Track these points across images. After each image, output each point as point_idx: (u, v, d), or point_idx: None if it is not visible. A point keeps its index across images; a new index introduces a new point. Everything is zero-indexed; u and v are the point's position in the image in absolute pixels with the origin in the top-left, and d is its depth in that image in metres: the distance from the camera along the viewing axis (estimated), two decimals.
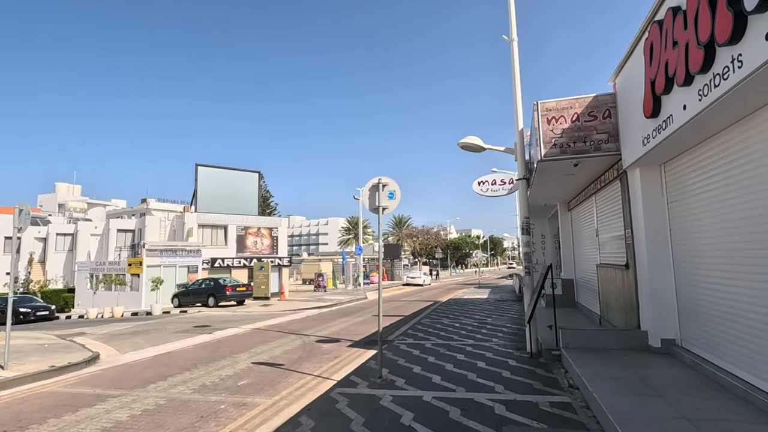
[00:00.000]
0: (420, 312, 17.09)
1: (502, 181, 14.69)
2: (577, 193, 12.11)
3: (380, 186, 7.15)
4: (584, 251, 12.51)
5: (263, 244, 32.28)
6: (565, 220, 14.32)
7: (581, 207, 12.28)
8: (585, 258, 12.42)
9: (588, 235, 11.72)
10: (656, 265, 6.97)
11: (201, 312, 20.12)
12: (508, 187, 14.66)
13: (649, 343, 7.07)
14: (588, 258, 11.95)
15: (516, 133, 8.80)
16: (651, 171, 7.12)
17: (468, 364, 7.63)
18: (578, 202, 12.47)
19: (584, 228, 12.24)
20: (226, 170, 32.30)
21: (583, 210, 12.05)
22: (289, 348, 10.43)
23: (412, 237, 62.94)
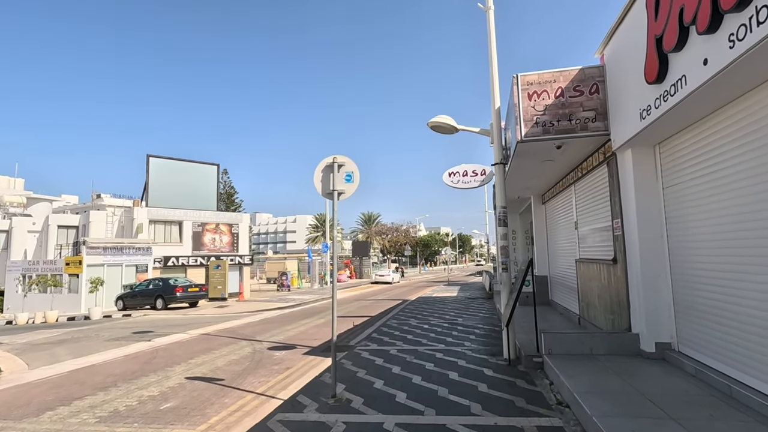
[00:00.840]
0: (387, 312, 16.01)
1: (474, 172, 13.81)
2: (554, 184, 11.33)
3: (335, 166, 5.98)
4: (560, 246, 11.76)
5: (222, 242, 30.36)
6: (539, 213, 13.58)
7: (557, 199, 11.51)
8: (561, 253, 11.68)
9: (565, 228, 10.95)
10: (650, 259, 6.13)
11: (147, 316, 18.28)
12: (480, 178, 13.78)
13: (641, 347, 6.23)
14: (565, 253, 11.19)
15: (492, 113, 7.82)
16: (644, 152, 6.28)
17: (438, 376, 6.57)
18: (554, 193, 11.70)
19: (560, 221, 11.48)
20: (182, 162, 30.12)
21: (560, 202, 11.27)
22: (236, 357, 9.10)
23: (381, 234, 61.95)
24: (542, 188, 12.39)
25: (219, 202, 70.29)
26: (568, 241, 10.75)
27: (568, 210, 10.49)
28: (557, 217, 11.84)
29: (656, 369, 5.59)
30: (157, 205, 27.82)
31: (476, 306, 16.32)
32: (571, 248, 10.31)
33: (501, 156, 7.79)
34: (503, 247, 7.79)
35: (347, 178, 6.01)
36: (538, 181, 11.02)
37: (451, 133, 8.19)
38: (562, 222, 11.22)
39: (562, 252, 11.58)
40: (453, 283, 35.02)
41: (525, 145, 7.26)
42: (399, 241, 60.88)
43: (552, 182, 11.19)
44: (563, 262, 11.40)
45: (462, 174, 13.79)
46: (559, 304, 11.82)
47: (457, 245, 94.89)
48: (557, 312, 11.58)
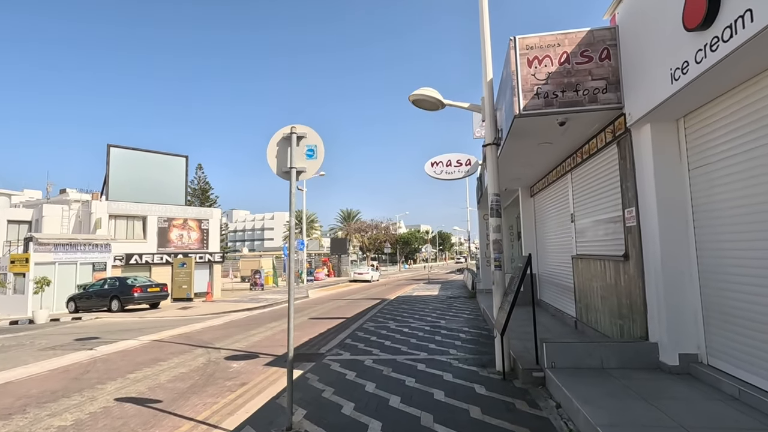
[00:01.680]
0: (365, 313, 14.85)
1: (458, 162, 12.76)
2: (547, 173, 10.36)
3: (294, 138, 4.76)
4: (551, 241, 10.81)
5: (191, 238, 28.58)
6: (527, 207, 12.63)
7: (549, 190, 10.55)
8: (553, 249, 10.73)
9: (558, 222, 9.99)
10: (672, 254, 5.14)
11: (99, 319, 16.61)
12: (464, 169, 12.75)
13: (661, 359, 5.25)
14: (557, 249, 10.24)
15: (483, 85, 6.72)
16: (666, 128, 5.28)
17: (421, 396, 5.44)
18: (545, 184, 10.74)
19: (552, 214, 10.52)
20: (146, 153, 28.19)
21: (553, 193, 10.31)
22: (184, 370, 7.78)
23: (360, 232, 60.70)
24: (533, 179, 11.43)
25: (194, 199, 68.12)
26: (561, 236, 9.79)
27: (562, 201, 9.52)
28: (548, 210, 10.89)
29: (687, 388, 4.59)
30: (118, 198, 25.88)
31: (459, 306, 15.32)
32: (566, 243, 9.35)
33: (494, 135, 6.70)
34: (496, 241, 6.72)
35: (309, 153, 4.80)
36: (530, 170, 10.02)
37: (436, 109, 7.06)
38: (555, 215, 10.26)
39: (553, 248, 10.63)
40: (433, 281, 34.13)
41: (523, 122, 6.19)
42: (379, 239, 59.76)
43: (545, 171, 10.21)
44: (555, 259, 10.45)
45: (446, 164, 12.73)
46: (550, 304, 10.89)
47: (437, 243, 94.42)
48: (548, 313, 10.64)
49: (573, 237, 8.76)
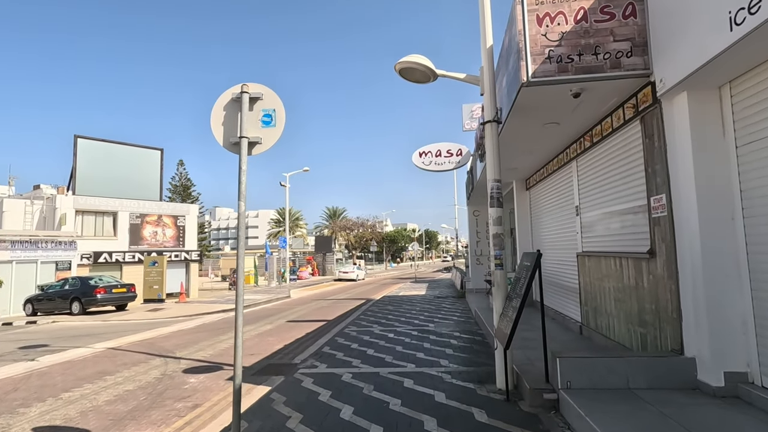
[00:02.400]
0: (348, 315, 13.79)
1: (448, 152, 11.77)
2: (546, 162, 9.43)
3: (245, 100, 3.67)
4: (550, 237, 9.90)
5: (166, 235, 27.09)
6: (521, 201, 11.70)
7: (548, 182, 9.64)
8: (552, 246, 9.82)
9: (559, 216, 9.08)
10: (716, 250, 4.21)
11: (56, 323, 15.20)
12: (455, 159, 11.77)
13: (700, 378, 4.32)
14: (558, 245, 9.33)
15: (482, 54, 5.72)
16: (707, 97, 4.34)
17: (408, 427, 4.41)
18: (544, 175, 9.82)
19: (552, 208, 9.61)
20: (117, 145, 26.58)
21: (552, 185, 9.40)
22: (130, 387, 6.62)
23: (346, 229, 59.52)
24: (530, 170, 10.50)
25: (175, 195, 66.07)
26: (563, 232, 8.88)
27: (565, 193, 8.60)
28: (547, 203, 9.98)
29: (742, 418, 3.66)
30: (86, 193, 24.28)
31: (448, 307, 14.36)
32: (569, 239, 8.44)
33: (494, 111, 5.70)
34: (497, 235, 5.74)
35: (265, 119, 3.72)
36: (528, 158, 9.08)
37: (426, 81, 6.03)
38: (555, 209, 9.35)
39: (553, 244, 9.72)
40: (420, 280, 33.23)
41: (530, 93, 5.21)
42: (365, 237, 58.67)
43: (544, 160, 9.28)
44: (555, 256, 9.54)
45: (435, 154, 11.73)
46: (549, 306, 9.97)
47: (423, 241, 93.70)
48: (547, 317, 9.70)
49: (578, 232, 7.84)
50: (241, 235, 3.66)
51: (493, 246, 5.68)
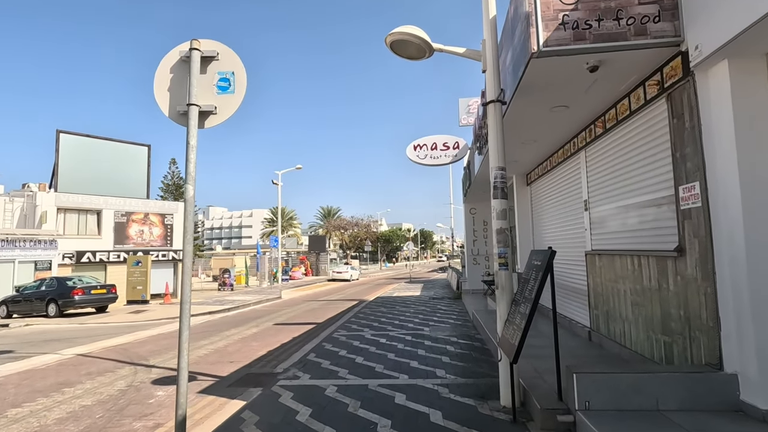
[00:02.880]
0: (338, 317, 13.08)
1: (445, 145, 11.09)
2: (551, 154, 8.78)
3: (196, 59, 2.95)
4: (554, 235, 9.25)
5: (153, 234, 26.23)
6: (522, 197, 11.04)
7: (552, 175, 8.99)
8: (555, 244, 9.15)
9: (565, 211, 8.42)
10: (763, 246, 3.55)
11: (29, 326, 14.36)
12: (452, 153, 11.10)
13: (742, 398, 3.65)
14: (562, 243, 8.68)
15: (484, 26, 5.04)
16: (751, 66, 3.68)
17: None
18: (547, 168, 9.17)
19: (555, 203, 8.96)
20: (103, 141, 25.68)
21: (557, 178, 8.74)
22: (89, 402, 5.89)
23: (340, 229, 58.77)
24: (531, 163, 9.84)
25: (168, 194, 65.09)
26: (569, 228, 8.23)
27: (571, 186, 7.94)
28: (550, 198, 9.32)
29: None
30: (69, 190, 23.40)
31: (444, 309, 13.70)
32: (576, 237, 7.79)
33: (497, 90, 5.02)
34: (501, 230, 5.06)
35: (221, 84, 3.00)
36: (532, 149, 8.41)
37: (421, 57, 5.33)
38: (560, 204, 8.69)
39: (557, 243, 9.06)
40: (415, 280, 32.58)
41: (540, 67, 4.53)
42: (359, 236, 57.95)
43: (549, 151, 8.62)
44: (560, 256, 8.85)
45: (431, 147, 11.04)
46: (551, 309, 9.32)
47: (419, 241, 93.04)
48: (550, 320, 9.07)
49: (587, 229, 7.18)
50: (188, 227, 2.97)
51: (496, 243, 5.00)
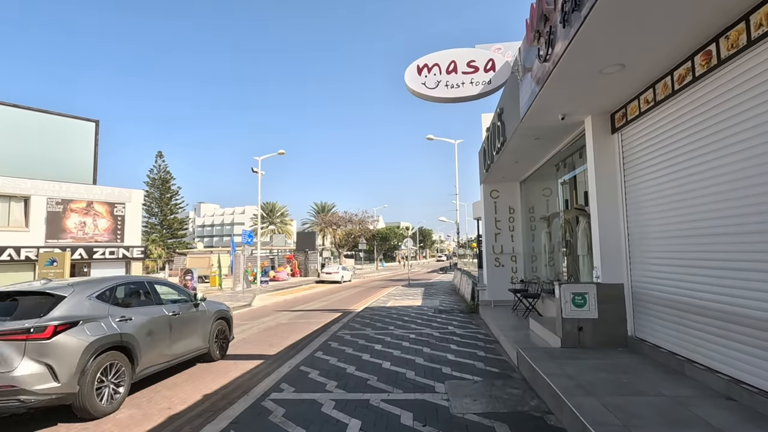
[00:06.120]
0: (302, 346, 8.62)
1: (470, 65, 6.65)
2: (676, 65, 4.32)
3: None
4: (685, 218, 4.81)
5: (98, 227, 21.70)
6: (603, 156, 6.53)
7: (682, 105, 4.55)
8: (683, 234, 4.73)
9: (726, 169, 3.97)
10: None
11: None
12: (483, 78, 6.64)
13: None
14: (702, 232, 4.23)
15: None
16: None
17: None
18: (668, 92, 4.73)
19: (692, 158, 4.52)
20: (36, 113, 21.21)
21: (697, 110, 4.29)
22: None
23: (332, 225, 54.25)
24: (628, 89, 5.40)
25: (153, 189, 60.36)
26: (728, 204, 3.79)
27: (740, 116, 3.49)
28: (675, 151, 4.89)
29: None
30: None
31: (460, 334, 9.24)
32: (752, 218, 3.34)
33: None
34: None
35: None
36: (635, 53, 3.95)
37: None
38: (703, 158, 4.25)
39: (689, 232, 4.64)
40: (414, 283, 28.12)
41: None
42: (353, 234, 53.44)
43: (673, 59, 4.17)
44: (692, 258, 4.45)
45: (446, 69, 6.60)
46: (665, 349, 4.91)
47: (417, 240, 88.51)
48: (655, 363, 4.63)
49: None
50: None
51: None
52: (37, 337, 4.65)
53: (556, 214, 10.54)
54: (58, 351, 4.74)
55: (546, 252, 11.20)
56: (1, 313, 4.94)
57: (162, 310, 6.51)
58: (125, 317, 5.72)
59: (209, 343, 7.52)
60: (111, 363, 5.27)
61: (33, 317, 4.81)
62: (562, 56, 4.53)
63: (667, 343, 5.12)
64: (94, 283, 5.85)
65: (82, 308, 5.24)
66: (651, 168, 5.46)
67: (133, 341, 5.64)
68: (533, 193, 11.99)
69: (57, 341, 4.75)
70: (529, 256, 12.30)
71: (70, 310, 5.09)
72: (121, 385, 5.41)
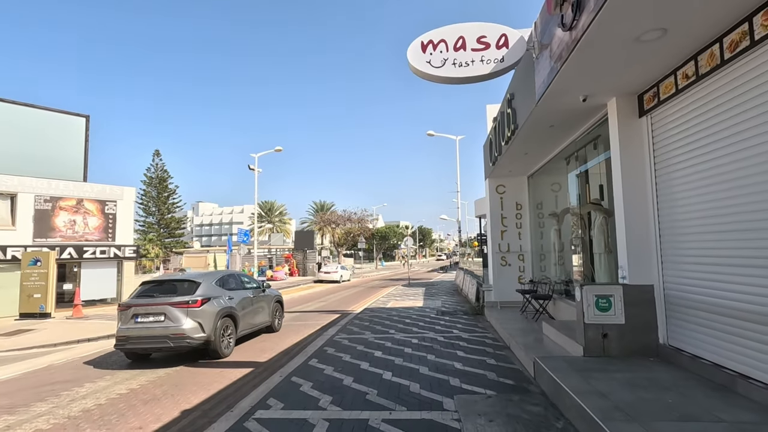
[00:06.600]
0: (296, 351, 7.95)
1: (481, 40, 5.95)
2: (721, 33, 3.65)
3: None
4: (731, 211, 4.14)
5: (88, 226, 20.97)
6: (629, 139, 5.86)
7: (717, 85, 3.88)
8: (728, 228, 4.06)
9: None
10: None
11: None
12: (495, 55, 5.95)
13: None
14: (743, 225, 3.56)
15: None
16: None
17: None
18: (707, 68, 4.05)
19: (736, 143, 3.84)
20: (23, 107, 20.50)
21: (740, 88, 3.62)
22: None
23: (331, 224, 53.56)
24: (658, 67, 4.73)
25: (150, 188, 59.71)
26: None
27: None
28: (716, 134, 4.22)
29: None
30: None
31: (466, 338, 8.58)
32: None
33: None
34: None
35: None
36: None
37: None
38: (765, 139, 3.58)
39: (741, 226, 3.98)
40: (414, 282, 27.46)
41: None
42: (352, 232, 52.75)
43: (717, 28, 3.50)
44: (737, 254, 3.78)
45: (454, 45, 5.90)
46: (701, 358, 4.26)
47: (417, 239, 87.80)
48: (688, 373, 3.96)
49: None
50: None
51: None
52: (193, 306, 7.65)
53: (567, 210, 9.88)
54: (204, 314, 7.70)
55: (555, 250, 10.52)
56: (169, 292, 7.95)
57: (247, 293, 9.38)
58: (230, 297, 8.61)
59: (272, 318, 10.38)
60: (227, 325, 8.19)
61: (188, 294, 7.80)
62: (594, 20, 3.86)
63: (710, 354, 4.45)
64: (213, 274, 8.94)
65: (211, 290, 8.22)
66: (689, 154, 4.79)
67: (235, 312, 8.53)
68: (542, 188, 11.33)
69: (203, 308, 7.74)
70: (538, 255, 11.63)
71: (205, 291, 8.03)
72: (231, 339, 8.33)
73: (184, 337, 7.41)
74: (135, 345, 7.62)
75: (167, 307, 7.56)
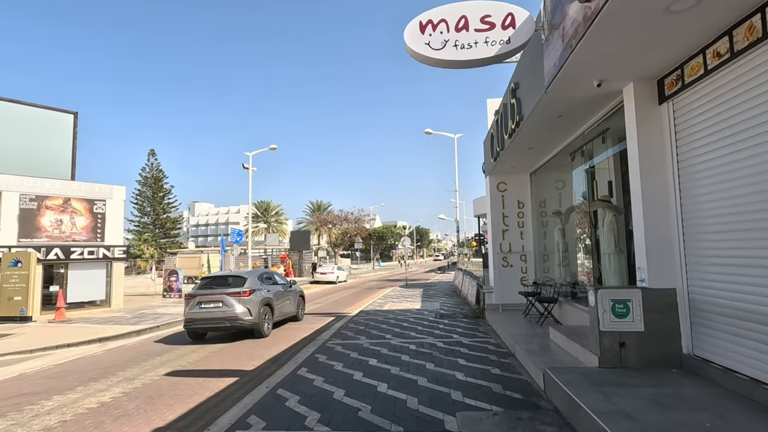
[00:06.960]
0: (288, 357, 7.40)
1: (485, 20, 5.41)
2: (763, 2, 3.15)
3: None
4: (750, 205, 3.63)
5: (76, 225, 20.34)
6: (647, 129, 5.35)
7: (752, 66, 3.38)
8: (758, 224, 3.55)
9: None
10: None
11: None
12: (500, 35, 5.42)
13: None
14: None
15: None
16: None
17: None
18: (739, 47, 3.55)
19: None
20: (8, 103, 19.88)
21: None
22: None
23: (328, 224, 52.98)
24: (681, 48, 4.23)
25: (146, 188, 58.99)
26: None
27: None
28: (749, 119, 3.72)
29: None
30: None
31: (467, 344, 8.05)
32: None
33: None
34: None
35: None
36: None
37: None
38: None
39: None
40: (412, 283, 26.92)
41: None
42: (349, 232, 52.17)
43: None
44: None
45: (456, 26, 5.37)
46: (735, 372, 3.75)
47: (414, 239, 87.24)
48: (755, 409, 3.44)
49: None
50: None
51: None
52: (243, 295, 9.67)
53: (572, 208, 9.38)
54: (251, 302, 9.69)
55: (560, 251, 10.02)
56: (224, 285, 10.01)
57: (279, 288, 11.36)
58: (268, 290, 10.63)
59: (296, 309, 12.28)
60: (267, 312, 10.20)
61: (239, 287, 9.80)
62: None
63: (747, 368, 3.95)
64: (255, 272, 11.15)
65: (256, 283, 10.28)
66: (719, 143, 4.29)
67: (272, 302, 10.51)
68: (545, 185, 10.83)
69: (251, 297, 9.74)
70: (541, 255, 11.13)
71: (251, 284, 10.05)
72: (270, 323, 10.31)
73: (237, 319, 9.38)
74: (199, 325, 9.63)
75: (224, 296, 9.57)
